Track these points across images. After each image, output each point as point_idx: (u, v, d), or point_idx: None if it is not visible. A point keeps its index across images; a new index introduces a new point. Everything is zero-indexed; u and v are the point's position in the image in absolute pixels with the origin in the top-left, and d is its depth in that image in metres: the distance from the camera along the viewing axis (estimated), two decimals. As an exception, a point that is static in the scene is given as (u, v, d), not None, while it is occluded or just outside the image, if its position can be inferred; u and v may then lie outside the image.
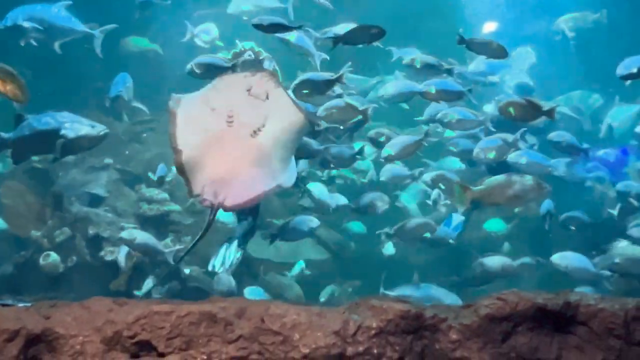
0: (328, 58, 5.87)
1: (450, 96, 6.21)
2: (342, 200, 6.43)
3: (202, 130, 3.71)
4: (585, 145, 6.78)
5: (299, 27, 5.30)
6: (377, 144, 6.46)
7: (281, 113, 3.69)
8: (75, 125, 5.33)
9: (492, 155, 6.23)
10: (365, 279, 7.16)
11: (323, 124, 5.70)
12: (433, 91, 6.05)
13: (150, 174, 6.63)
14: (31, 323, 2.74)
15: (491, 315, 2.81)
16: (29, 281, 5.65)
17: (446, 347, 2.79)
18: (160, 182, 6.54)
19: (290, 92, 4.47)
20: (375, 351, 2.73)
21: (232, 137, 3.68)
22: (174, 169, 6.74)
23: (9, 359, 2.70)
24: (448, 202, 6.98)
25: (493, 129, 6.50)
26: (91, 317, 2.79)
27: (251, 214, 5.29)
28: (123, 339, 2.71)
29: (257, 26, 5.03)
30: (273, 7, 7.20)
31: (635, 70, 5.98)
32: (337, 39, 5.13)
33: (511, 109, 5.82)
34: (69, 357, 2.72)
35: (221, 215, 5.65)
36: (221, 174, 3.70)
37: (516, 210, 6.97)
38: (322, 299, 6.80)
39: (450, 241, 6.96)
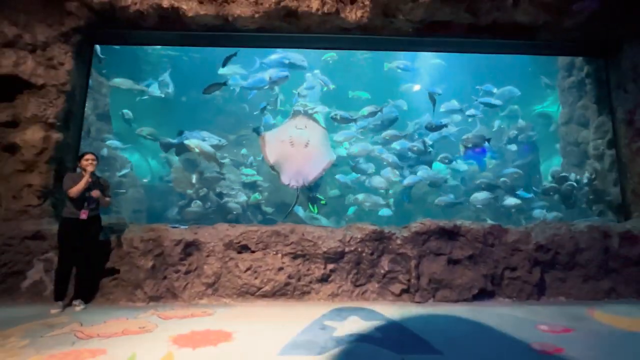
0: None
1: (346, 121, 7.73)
2: None
3: (280, 151, 6.02)
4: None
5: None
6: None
7: (316, 132, 6.01)
8: (211, 140, 8.18)
9: (355, 150, 8.07)
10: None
11: None
12: (338, 118, 7.56)
13: (243, 153, 9.76)
14: (187, 236, 4.70)
15: (417, 231, 4.74)
16: (185, 216, 8.54)
17: (395, 247, 4.74)
18: (245, 159, 9.76)
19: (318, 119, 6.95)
20: (359, 249, 4.71)
21: (295, 150, 5.96)
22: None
23: (177, 253, 4.63)
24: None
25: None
26: (217, 233, 4.76)
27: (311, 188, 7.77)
28: (233, 244, 4.68)
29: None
30: None
31: (492, 100, 7.02)
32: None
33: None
34: (206, 252, 4.66)
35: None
36: (295, 169, 6.00)
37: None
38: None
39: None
